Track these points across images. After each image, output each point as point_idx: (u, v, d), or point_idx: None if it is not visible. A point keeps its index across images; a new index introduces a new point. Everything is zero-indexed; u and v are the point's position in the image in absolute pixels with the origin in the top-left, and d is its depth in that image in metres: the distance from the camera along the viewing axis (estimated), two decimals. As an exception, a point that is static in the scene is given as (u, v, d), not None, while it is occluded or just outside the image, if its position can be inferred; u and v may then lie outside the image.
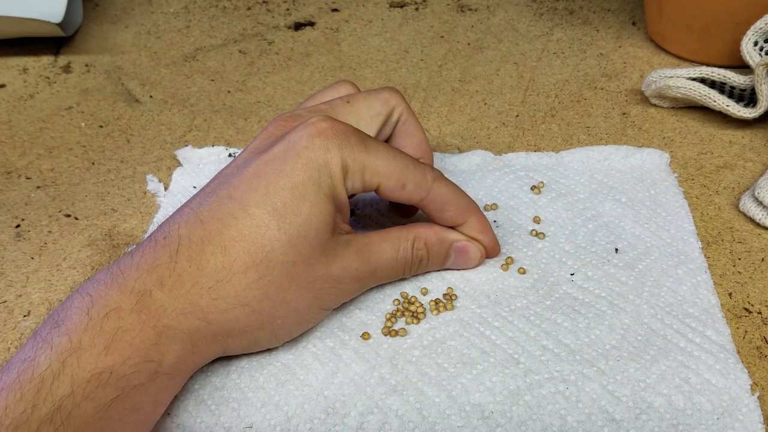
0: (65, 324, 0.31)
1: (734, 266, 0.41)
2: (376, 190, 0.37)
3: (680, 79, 0.50)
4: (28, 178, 0.50)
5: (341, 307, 0.39)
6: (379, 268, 0.38)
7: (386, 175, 0.36)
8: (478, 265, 0.41)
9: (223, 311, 0.33)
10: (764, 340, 0.37)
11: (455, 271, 0.41)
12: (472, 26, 0.65)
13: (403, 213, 0.43)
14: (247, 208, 0.34)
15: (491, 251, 0.41)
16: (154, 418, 0.33)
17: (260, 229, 0.33)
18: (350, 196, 0.38)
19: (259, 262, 0.33)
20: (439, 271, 0.41)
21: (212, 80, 0.60)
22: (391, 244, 0.38)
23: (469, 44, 0.62)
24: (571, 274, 0.40)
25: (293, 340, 0.37)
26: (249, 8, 0.69)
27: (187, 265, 0.33)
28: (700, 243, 0.42)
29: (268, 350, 0.37)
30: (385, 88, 0.41)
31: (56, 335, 0.30)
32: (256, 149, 0.37)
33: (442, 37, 0.63)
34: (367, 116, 0.40)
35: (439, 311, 0.39)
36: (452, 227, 0.40)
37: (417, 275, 0.41)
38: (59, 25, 0.60)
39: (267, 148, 0.36)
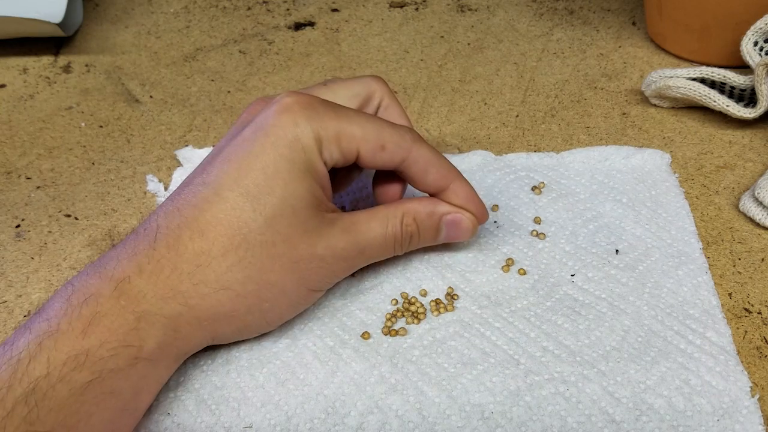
0: (46, 311, 0.31)
1: (734, 266, 0.41)
2: (357, 159, 0.36)
3: (680, 79, 0.50)
4: (28, 178, 0.50)
5: (341, 306, 0.39)
6: (367, 247, 0.37)
7: (363, 138, 0.35)
8: (471, 237, 0.40)
9: (204, 295, 0.33)
10: (764, 341, 0.37)
11: (455, 272, 0.41)
12: (472, 26, 0.65)
13: (388, 198, 0.42)
14: (220, 192, 0.34)
15: (481, 217, 0.39)
16: (136, 406, 0.32)
17: (235, 211, 0.33)
18: (334, 172, 0.37)
19: (237, 244, 0.33)
20: (439, 271, 0.41)
21: (212, 80, 0.59)
22: (378, 222, 0.37)
23: (469, 44, 0.62)
24: (572, 275, 0.40)
25: (292, 338, 0.37)
26: (249, 8, 0.69)
27: (166, 252, 0.33)
28: (700, 244, 0.42)
29: (268, 348, 0.37)
30: (368, 75, 0.41)
31: (37, 321, 0.31)
32: (230, 135, 0.37)
33: (442, 37, 0.63)
34: (344, 96, 0.39)
35: (440, 312, 0.39)
36: (437, 194, 0.39)
37: (417, 275, 0.41)
38: (59, 25, 0.60)
39: (239, 133, 0.36)
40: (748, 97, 0.50)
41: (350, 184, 0.43)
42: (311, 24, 0.66)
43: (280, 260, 0.34)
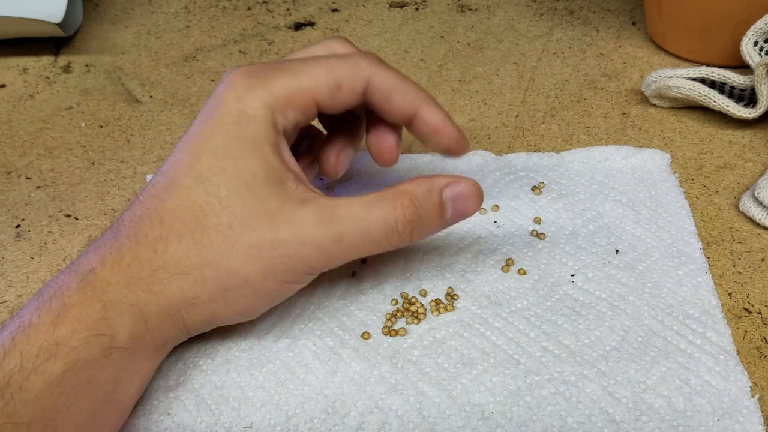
0: (21, 310, 0.32)
1: (734, 266, 0.41)
2: (319, 109, 0.35)
3: (680, 79, 0.50)
4: (28, 178, 0.50)
5: (341, 306, 0.39)
6: (346, 234, 0.33)
7: (315, 86, 0.34)
8: (479, 206, 0.36)
9: (163, 280, 0.33)
10: (764, 340, 0.37)
11: (455, 272, 0.41)
12: (472, 26, 0.65)
13: (384, 149, 0.39)
14: (176, 180, 0.34)
15: (460, 146, 0.37)
16: (118, 399, 0.32)
17: (190, 196, 0.33)
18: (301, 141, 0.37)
19: (193, 228, 0.33)
20: (439, 271, 0.41)
21: (212, 80, 0.59)
22: (363, 206, 0.33)
23: (469, 44, 0.62)
24: (572, 275, 0.40)
25: (292, 338, 0.37)
26: (249, 8, 0.69)
27: (126, 241, 0.33)
28: (700, 244, 0.42)
29: (268, 348, 0.37)
30: (361, 52, 0.37)
31: (12, 320, 0.31)
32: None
33: (442, 37, 0.63)
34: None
35: (440, 312, 0.39)
36: (406, 124, 0.36)
37: (417, 275, 0.41)
38: (59, 25, 0.60)
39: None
40: (748, 97, 0.50)
41: (349, 160, 0.40)
42: (311, 24, 0.66)
43: (237, 244, 0.33)
